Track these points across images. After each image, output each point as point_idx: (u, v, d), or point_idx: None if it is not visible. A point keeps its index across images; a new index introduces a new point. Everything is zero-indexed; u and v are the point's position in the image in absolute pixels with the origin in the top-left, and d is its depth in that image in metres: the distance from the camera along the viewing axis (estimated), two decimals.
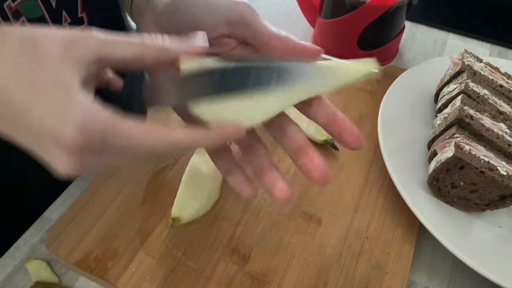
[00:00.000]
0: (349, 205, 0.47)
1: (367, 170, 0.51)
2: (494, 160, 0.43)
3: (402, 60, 0.69)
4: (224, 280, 0.41)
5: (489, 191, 0.43)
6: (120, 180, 0.48)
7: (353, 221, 0.46)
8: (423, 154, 0.50)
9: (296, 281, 0.41)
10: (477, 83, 0.50)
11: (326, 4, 0.64)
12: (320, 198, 0.48)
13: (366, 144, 0.54)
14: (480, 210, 0.45)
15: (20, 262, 0.44)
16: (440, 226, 0.42)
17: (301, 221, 0.46)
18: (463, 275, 0.44)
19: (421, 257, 0.45)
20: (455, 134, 0.45)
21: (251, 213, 0.46)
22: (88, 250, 0.43)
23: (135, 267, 0.42)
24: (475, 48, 0.72)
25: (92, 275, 0.41)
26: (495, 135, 0.45)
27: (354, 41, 0.63)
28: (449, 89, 0.52)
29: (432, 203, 0.46)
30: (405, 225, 0.46)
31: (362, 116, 0.57)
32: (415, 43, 0.72)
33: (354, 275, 0.42)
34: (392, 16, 0.61)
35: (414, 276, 0.44)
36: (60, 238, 0.43)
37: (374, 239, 0.45)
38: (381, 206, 0.47)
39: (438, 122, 0.50)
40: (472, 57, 0.53)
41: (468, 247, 0.41)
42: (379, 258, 0.43)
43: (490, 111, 0.47)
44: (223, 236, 0.44)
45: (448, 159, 0.43)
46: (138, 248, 0.43)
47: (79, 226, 0.44)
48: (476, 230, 0.45)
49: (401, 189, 0.45)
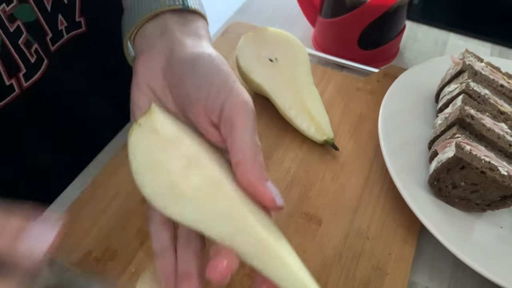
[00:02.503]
0: (349, 206, 0.47)
1: (367, 170, 0.51)
2: (495, 160, 0.43)
3: (403, 59, 0.69)
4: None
5: (490, 192, 0.43)
6: (119, 180, 0.48)
7: (354, 222, 0.46)
8: (424, 154, 0.50)
9: None
10: (478, 83, 0.49)
11: (326, 4, 0.64)
12: (321, 198, 0.48)
13: (367, 144, 0.53)
14: (481, 210, 0.45)
15: None
16: (441, 227, 0.42)
17: (301, 222, 0.46)
18: (464, 276, 0.44)
19: (422, 258, 0.45)
20: (456, 134, 0.44)
21: None
22: (87, 251, 0.42)
23: (134, 268, 0.41)
24: (476, 48, 0.71)
25: None
26: (496, 135, 0.45)
27: (354, 40, 0.63)
28: (450, 89, 0.51)
29: (433, 203, 0.45)
30: (405, 225, 0.46)
31: (362, 116, 0.57)
32: (416, 42, 0.72)
33: (354, 275, 0.42)
34: (393, 16, 0.61)
35: (414, 277, 0.44)
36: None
37: (374, 240, 0.44)
38: (381, 207, 0.47)
39: (439, 122, 0.50)
40: (473, 57, 0.53)
41: (469, 248, 0.41)
42: (379, 259, 0.43)
43: (491, 111, 0.47)
44: None
45: (449, 159, 0.43)
46: (138, 249, 0.43)
47: (78, 226, 0.44)
48: (477, 231, 0.45)
49: (402, 189, 0.45)
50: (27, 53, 0.42)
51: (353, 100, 0.59)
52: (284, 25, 0.73)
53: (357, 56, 0.65)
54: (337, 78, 0.62)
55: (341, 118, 0.56)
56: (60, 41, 0.45)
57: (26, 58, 0.42)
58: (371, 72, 0.63)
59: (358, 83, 0.61)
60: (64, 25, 0.45)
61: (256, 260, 0.28)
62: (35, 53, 0.43)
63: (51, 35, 0.44)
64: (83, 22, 0.46)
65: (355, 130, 0.55)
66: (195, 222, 0.28)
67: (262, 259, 0.27)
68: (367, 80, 0.61)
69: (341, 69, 0.65)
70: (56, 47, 0.45)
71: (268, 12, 0.76)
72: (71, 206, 0.46)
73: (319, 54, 0.66)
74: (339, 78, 0.61)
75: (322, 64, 0.66)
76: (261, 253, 0.27)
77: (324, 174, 0.50)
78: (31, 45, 0.42)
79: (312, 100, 0.53)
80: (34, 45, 0.42)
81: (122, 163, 0.49)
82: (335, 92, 0.60)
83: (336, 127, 0.55)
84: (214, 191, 0.28)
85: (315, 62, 0.66)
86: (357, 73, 0.64)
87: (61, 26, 0.44)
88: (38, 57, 0.43)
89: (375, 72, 0.63)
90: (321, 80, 0.61)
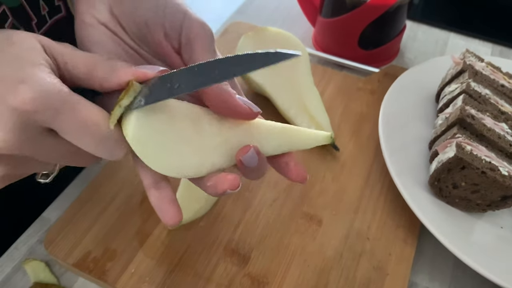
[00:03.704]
0: (350, 206, 0.47)
1: (368, 171, 0.51)
2: (495, 160, 0.43)
3: (403, 59, 0.69)
4: (223, 282, 0.41)
5: (491, 192, 0.43)
6: (118, 180, 0.48)
7: (354, 222, 0.46)
8: (424, 154, 0.50)
9: (296, 282, 0.41)
10: (479, 82, 0.49)
11: (326, 3, 0.64)
12: (321, 198, 0.48)
13: (367, 144, 0.53)
14: (481, 210, 0.45)
15: (19, 263, 0.44)
16: (441, 227, 0.42)
17: (301, 222, 0.45)
18: (464, 276, 0.44)
19: (422, 258, 0.45)
20: (457, 134, 0.44)
21: (251, 213, 0.46)
22: (87, 251, 0.42)
23: (134, 268, 0.41)
24: (476, 48, 0.71)
25: (90, 276, 0.41)
26: (497, 135, 0.45)
27: (355, 40, 0.63)
28: (450, 88, 0.51)
29: (433, 203, 0.45)
30: (406, 225, 0.46)
31: (363, 116, 0.56)
32: (416, 42, 0.72)
33: (355, 276, 0.42)
34: (393, 15, 0.61)
35: (415, 277, 0.44)
36: (58, 239, 0.43)
37: (375, 240, 0.44)
38: (382, 207, 0.47)
39: (440, 122, 0.50)
40: (473, 57, 0.53)
41: (469, 248, 0.41)
42: (380, 259, 0.43)
43: (492, 111, 0.47)
44: (223, 237, 0.44)
45: (450, 159, 0.42)
46: (137, 249, 0.43)
47: (77, 226, 0.44)
48: (478, 231, 0.45)
49: (402, 190, 0.45)
50: None
51: (353, 100, 0.58)
52: (284, 25, 0.73)
53: (357, 56, 0.64)
54: (337, 78, 0.61)
55: (341, 118, 0.56)
56: (45, 27, 0.45)
57: None
58: (372, 72, 0.63)
59: (358, 83, 0.61)
60: (46, 10, 0.45)
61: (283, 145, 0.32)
62: None
63: (36, 20, 0.44)
64: (62, 6, 0.46)
65: (355, 130, 0.55)
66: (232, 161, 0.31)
67: (285, 143, 0.32)
68: (367, 80, 0.61)
69: (341, 69, 0.65)
70: (41, 32, 0.45)
71: (268, 12, 0.76)
72: (70, 207, 0.46)
73: (319, 54, 0.66)
74: (339, 78, 0.61)
75: (322, 64, 0.65)
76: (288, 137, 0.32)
77: (324, 174, 0.50)
78: (17, 29, 0.42)
79: (312, 100, 0.53)
80: (20, 30, 0.42)
81: (122, 163, 0.49)
82: (335, 92, 0.59)
83: (336, 127, 0.55)
84: (229, 126, 0.30)
85: (315, 62, 0.66)
86: (357, 73, 0.64)
87: (44, 11, 0.44)
88: None
89: (376, 72, 0.63)
90: (321, 80, 0.61)
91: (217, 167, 0.30)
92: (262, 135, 0.31)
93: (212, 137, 0.30)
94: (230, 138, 0.30)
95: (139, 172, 0.31)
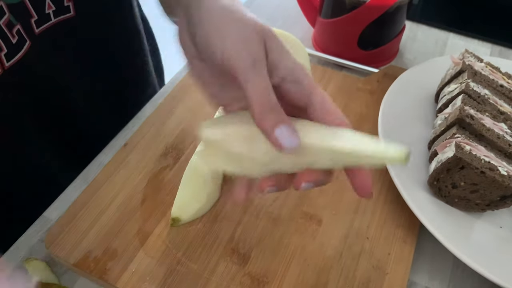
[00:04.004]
0: (349, 206, 0.47)
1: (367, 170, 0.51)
2: (494, 160, 0.43)
3: (403, 60, 0.69)
4: (224, 281, 0.41)
5: (490, 192, 0.43)
6: (119, 180, 0.48)
7: (354, 222, 0.46)
8: (423, 154, 0.50)
9: (296, 281, 0.41)
10: (478, 83, 0.50)
11: (326, 4, 0.64)
12: (321, 198, 0.48)
13: None
14: (480, 210, 0.45)
15: (20, 262, 0.44)
16: (440, 227, 0.42)
17: (301, 222, 0.46)
18: (464, 276, 0.44)
19: (422, 258, 0.45)
20: (456, 134, 0.44)
21: (251, 213, 0.46)
22: (88, 251, 0.42)
23: (134, 268, 0.42)
24: (476, 48, 0.71)
25: (91, 276, 0.41)
26: (496, 135, 0.45)
27: (354, 40, 0.63)
28: (449, 89, 0.51)
29: (433, 203, 0.45)
30: (405, 225, 0.46)
31: (362, 116, 0.57)
32: (416, 42, 0.72)
33: (354, 275, 0.42)
34: (393, 16, 0.61)
35: (414, 277, 0.44)
36: (59, 239, 0.43)
37: (374, 240, 0.44)
38: (381, 207, 0.47)
39: (439, 122, 0.50)
40: (472, 57, 0.53)
41: (468, 248, 0.41)
42: (379, 259, 0.43)
43: (491, 111, 0.47)
44: (223, 236, 0.44)
45: (449, 159, 0.43)
46: (138, 249, 0.43)
47: (78, 226, 0.44)
48: (477, 231, 0.45)
49: (402, 189, 0.45)
50: (8, 34, 0.42)
51: (353, 100, 0.59)
52: (284, 25, 0.73)
53: (357, 56, 0.65)
54: (337, 78, 0.62)
55: None
56: (46, 24, 0.45)
57: (7, 38, 0.42)
58: (371, 72, 0.63)
59: (358, 83, 0.61)
60: (52, 9, 0.45)
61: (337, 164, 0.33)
62: (17, 34, 0.43)
63: (36, 17, 0.44)
64: (71, 6, 0.46)
65: (355, 130, 0.55)
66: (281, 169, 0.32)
67: (340, 162, 0.33)
68: (367, 80, 0.61)
69: (341, 69, 0.65)
70: (41, 29, 0.45)
71: (268, 12, 0.76)
72: (71, 206, 0.46)
73: (319, 54, 0.66)
74: (339, 78, 0.61)
75: (322, 64, 0.66)
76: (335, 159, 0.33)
77: None
78: (13, 26, 0.42)
79: None
80: (17, 26, 0.42)
81: (122, 163, 0.49)
82: (335, 92, 0.60)
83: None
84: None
85: (315, 62, 0.66)
86: (357, 73, 0.64)
87: (49, 9, 0.44)
88: (19, 37, 0.43)
89: (375, 72, 0.63)
90: (321, 80, 0.61)
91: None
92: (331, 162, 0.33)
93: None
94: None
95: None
